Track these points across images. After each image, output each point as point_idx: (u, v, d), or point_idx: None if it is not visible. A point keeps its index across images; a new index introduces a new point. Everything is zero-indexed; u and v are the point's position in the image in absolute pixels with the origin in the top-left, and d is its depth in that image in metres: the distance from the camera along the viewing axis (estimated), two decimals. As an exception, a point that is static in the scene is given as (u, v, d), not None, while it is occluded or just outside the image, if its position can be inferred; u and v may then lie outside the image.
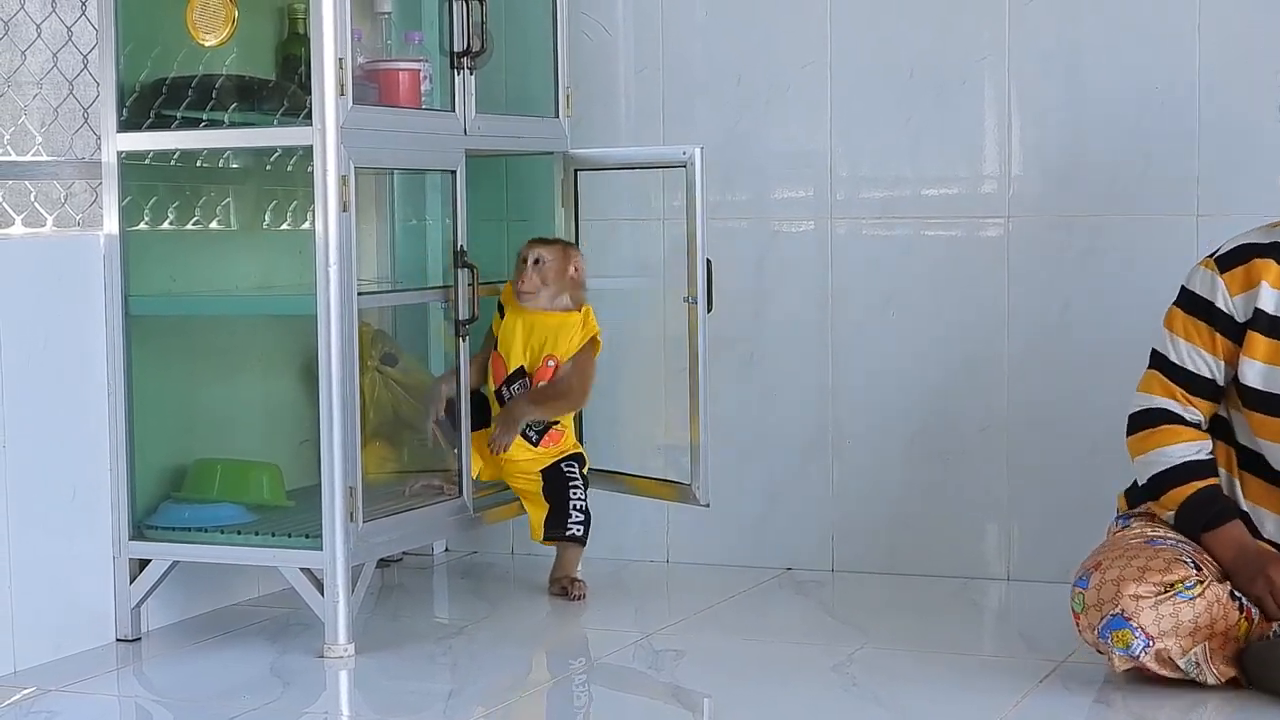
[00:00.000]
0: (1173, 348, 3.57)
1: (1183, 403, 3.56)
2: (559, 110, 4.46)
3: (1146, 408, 3.58)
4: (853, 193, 4.48)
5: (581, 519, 4.24)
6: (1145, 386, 3.61)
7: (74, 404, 3.82)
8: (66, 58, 4.00)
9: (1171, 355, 3.57)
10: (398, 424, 4.36)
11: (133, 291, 3.90)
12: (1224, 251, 3.55)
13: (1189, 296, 3.57)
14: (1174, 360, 3.56)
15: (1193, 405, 3.56)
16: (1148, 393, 3.59)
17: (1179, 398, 3.56)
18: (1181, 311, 3.57)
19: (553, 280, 4.25)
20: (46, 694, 3.54)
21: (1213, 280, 3.53)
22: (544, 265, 4.25)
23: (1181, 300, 3.58)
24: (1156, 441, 3.55)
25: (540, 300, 4.24)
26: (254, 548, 3.85)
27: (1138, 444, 3.58)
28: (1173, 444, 3.53)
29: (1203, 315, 3.54)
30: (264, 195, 4.31)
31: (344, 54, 3.68)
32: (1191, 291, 3.57)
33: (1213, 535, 3.48)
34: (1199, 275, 3.57)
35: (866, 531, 4.50)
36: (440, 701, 3.50)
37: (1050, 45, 4.30)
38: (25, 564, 3.71)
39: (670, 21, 4.61)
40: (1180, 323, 3.57)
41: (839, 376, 4.51)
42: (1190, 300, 3.57)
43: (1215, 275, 3.53)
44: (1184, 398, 3.55)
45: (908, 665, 3.66)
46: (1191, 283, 3.58)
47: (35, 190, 3.98)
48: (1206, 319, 3.54)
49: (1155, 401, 3.57)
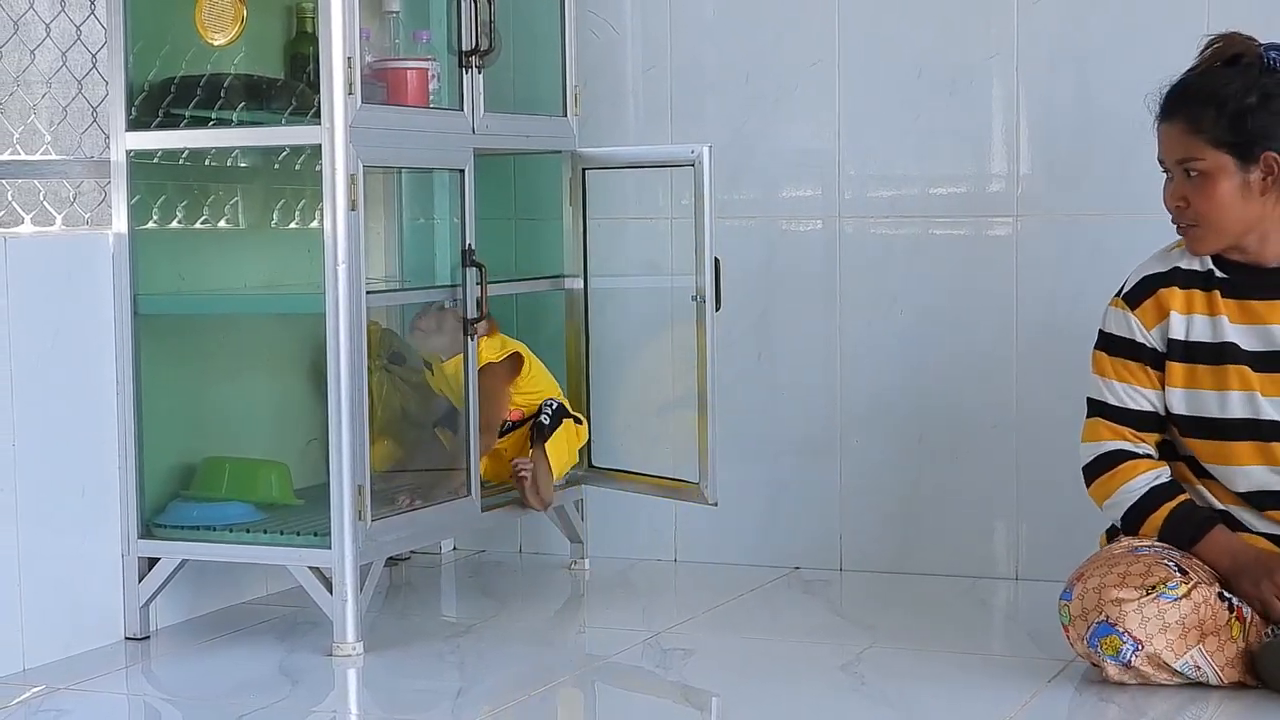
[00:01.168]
0: (1109, 391, 3.58)
1: (1134, 440, 3.57)
2: (567, 109, 4.46)
3: (1099, 454, 3.59)
4: (861, 192, 4.48)
5: (549, 413, 4.28)
6: (1092, 435, 3.61)
7: (83, 403, 3.83)
8: (75, 57, 4.00)
9: (1110, 399, 3.57)
10: (406, 423, 4.35)
11: (141, 290, 3.90)
12: (1129, 288, 3.57)
13: (1109, 339, 3.59)
14: (1114, 403, 3.57)
15: (1143, 441, 3.57)
16: (1095, 440, 3.60)
17: (1129, 437, 3.57)
18: (1106, 355, 3.59)
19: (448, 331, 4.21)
20: (55, 692, 3.54)
21: (1126, 318, 3.55)
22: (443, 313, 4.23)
23: (1103, 344, 3.60)
24: (1119, 480, 3.56)
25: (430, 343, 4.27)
26: (263, 546, 3.86)
27: (1100, 490, 3.59)
28: (1133, 478, 3.55)
29: (1128, 353, 3.56)
30: (272, 194, 4.31)
31: (352, 53, 3.68)
32: (1110, 334, 3.59)
33: (1202, 547, 3.49)
34: (1112, 316, 3.59)
35: (875, 531, 4.50)
36: (448, 700, 3.50)
37: (1058, 44, 4.30)
38: (34, 562, 3.71)
39: (678, 20, 4.61)
40: (1109, 365, 3.58)
41: (847, 375, 4.51)
42: (1111, 342, 3.58)
43: (1127, 313, 3.55)
44: (1134, 435, 3.57)
45: (916, 664, 3.66)
46: (1108, 325, 3.59)
47: (44, 189, 3.99)
48: (1133, 356, 3.55)
49: (1106, 446, 3.58)
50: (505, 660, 3.75)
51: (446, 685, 3.62)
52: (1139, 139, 4.23)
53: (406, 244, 4.70)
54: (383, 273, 4.63)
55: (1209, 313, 3.52)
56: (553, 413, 4.28)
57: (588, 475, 4.53)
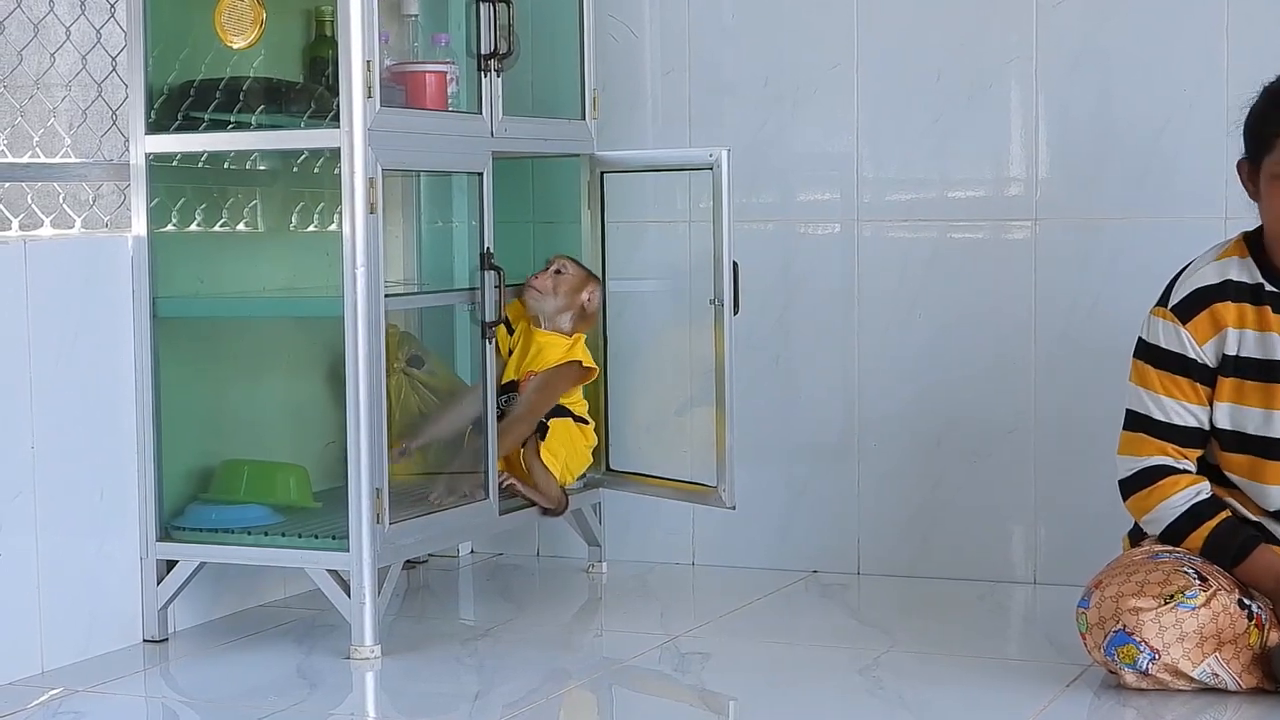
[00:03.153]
0: (1156, 407, 3.50)
1: (1177, 456, 3.51)
2: (585, 112, 4.46)
3: (1140, 469, 3.53)
4: (879, 195, 4.48)
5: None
6: (1133, 449, 3.54)
7: (102, 405, 3.84)
8: (95, 60, 4.01)
9: (1157, 414, 3.50)
10: (424, 426, 4.35)
11: (160, 293, 3.91)
12: (1180, 300, 3.49)
13: (1156, 352, 3.50)
14: (1160, 419, 3.50)
15: (1186, 457, 3.52)
16: (1136, 454, 3.53)
17: (1172, 453, 3.51)
18: (1153, 368, 3.50)
19: (563, 295, 4.27)
20: (74, 694, 3.55)
21: (1177, 332, 3.48)
22: (562, 277, 4.27)
23: (1148, 356, 3.52)
24: (1159, 497, 3.50)
25: (544, 306, 4.27)
26: (281, 549, 3.86)
27: (1138, 505, 3.54)
28: (1173, 494, 3.49)
29: (1177, 368, 3.48)
30: (291, 197, 4.31)
31: (371, 56, 3.69)
32: (1158, 347, 3.50)
33: (1244, 568, 3.45)
34: (1162, 328, 3.50)
35: (892, 534, 4.50)
36: (466, 703, 3.50)
37: (1078, 47, 4.30)
38: (53, 564, 3.72)
39: (697, 23, 4.61)
40: (1156, 380, 3.50)
41: (865, 379, 4.50)
42: (1158, 355, 3.50)
43: (1177, 326, 3.47)
44: (1177, 452, 3.51)
45: (934, 669, 3.66)
46: (1155, 337, 3.51)
47: (64, 192, 3.99)
48: (1182, 371, 3.48)
49: (1147, 461, 3.51)
50: (523, 663, 3.76)
51: (464, 688, 3.62)
52: (1158, 143, 4.23)
53: (425, 247, 4.70)
54: (401, 276, 4.63)
55: (1260, 328, 3.45)
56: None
57: (605, 478, 4.53)
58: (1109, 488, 4.17)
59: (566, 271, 4.30)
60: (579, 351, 4.31)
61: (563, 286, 4.29)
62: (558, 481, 4.27)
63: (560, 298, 4.29)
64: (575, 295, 4.30)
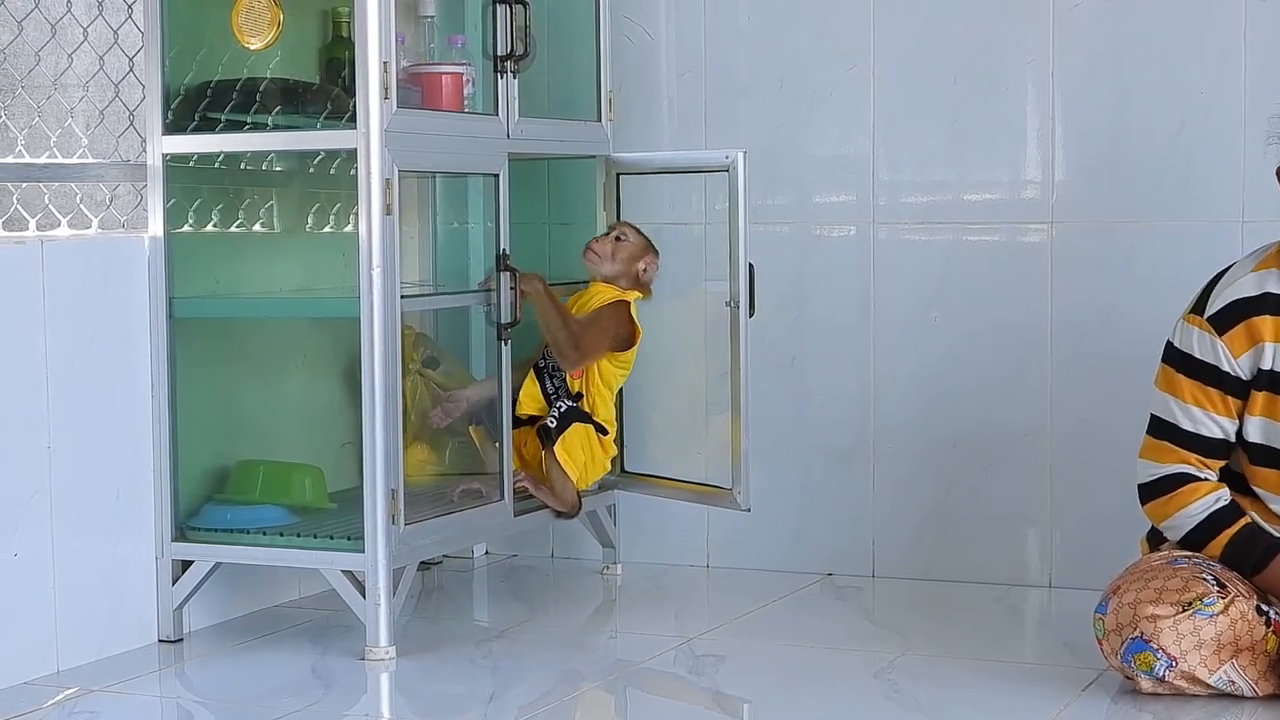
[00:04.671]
0: (1184, 415, 3.47)
1: (1199, 466, 3.49)
2: (601, 114, 4.46)
3: (1160, 475, 3.51)
4: (895, 197, 4.48)
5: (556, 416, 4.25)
6: (1155, 455, 3.52)
7: (118, 406, 3.84)
8: (112, 60, 4.01)
9: (1185, 424, 3.47)
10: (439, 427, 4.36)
11: (177, 294, 3.91)
12: (1217, 311, 3.44)
13: (1188, 361, 3.46)
14: (1187, 429, 3.47)
15: (1208, 466, 3.50)
16: (1157, 461, 3.51)
17: (1194, 462, 3.49)
18: (1184, 377, 3.46)
19: (620, 261, 4.32)
20: (89, 694, 3.56)
21: (1212, 343, 3.43)
22: (622, 243, 4.32)
23: (1179, 364, 3.48)
24: (1177, 504, 3.49)
25: (602, 269, 4.33)
26: (296, 549, 3.86)
27: (1157, 511, 3.53)
28: (1192, 502, 3.48)
29: (1209, 379, 3.44)
30: (307, 198, 4.32)
31: (388, 57, 3.69)
32: (1190, 356, 3.46)
33: (1264, 576, 3.44)
34: (1196, 338, 3.45)
35: (907, 537, 4.49)
36: (480, 704, 3.50)
37: (1094, 50, 4.29)
38: (69, 565, 3.72)
39: (713, 25, 4.60)
40: (1188, 389, 3.46)
41: (880, 381, 4.50)
42: (1190, 364, 3.46)
43: (1213, 337, 3.43)
44: (1200, 462, 3.49)
45: (949, 672, 3.66)
46: (1187, 345, 3.46)
47: (81, 192, 4.00)
48: (1214, 383, 3.44)
49: (1168, 469, 3.49)
50: (537, 665, 3.76)
51: (478, 689, 3.62)
52: (1174, 146, 4.22)
53: (440, 248, 4.70)
54: (417, 277, 4.63)
55: None
56: (560, 415, 4.26)
57: (620, 480, 4.53)
58: (1124, 491, 4.17)
59: (626, 239, 4.33)
60: (629, 297, 4.32)
61: (621, 253, 4.32)
62: (575, 485, 4.26)
63: (618, 264, 4.32)
64: (633, 263, 4.32)
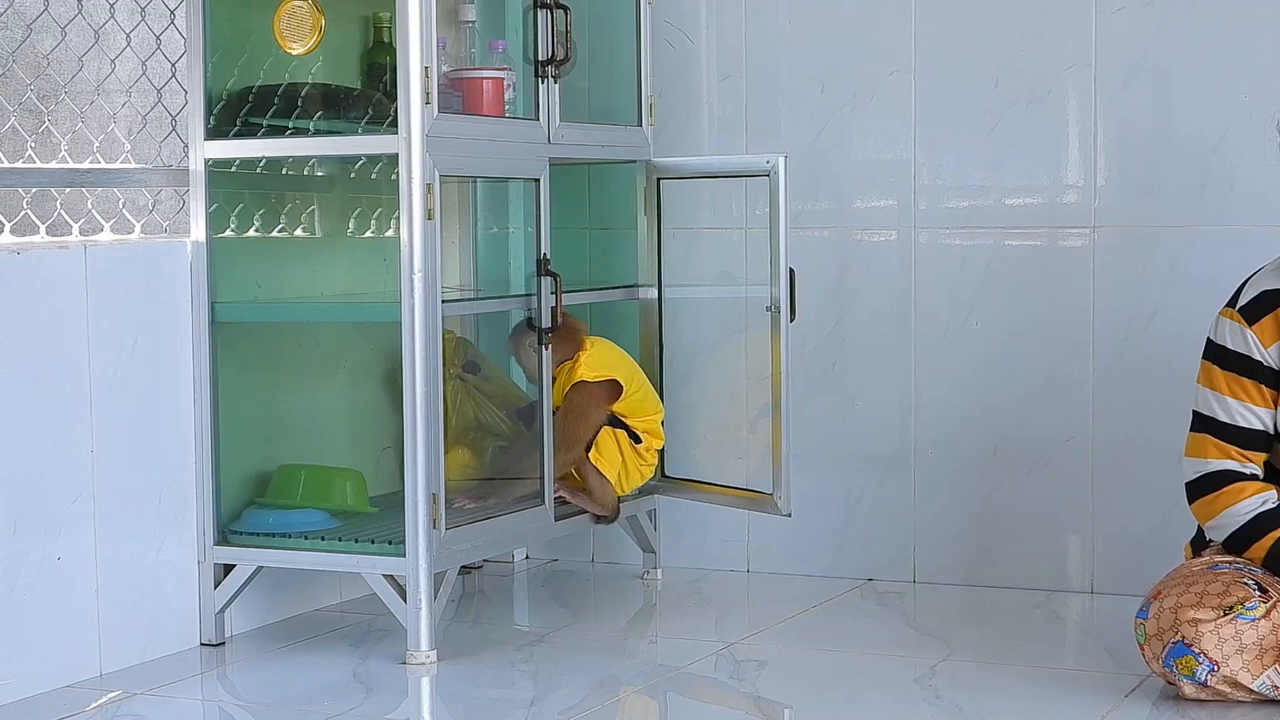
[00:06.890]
0: (1220, 408, 3.50)
1: (1241, 460, 3.50)
2: (642, 119, 4.46)
3: (1206, 472, 3.52)
4: (935, 202, 4.47)
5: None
6: (1198, 451, 3.53)
7: (160, 410, 3.85)
8: (155, 66, 4.02)
9: (1221, 416, 3.50)
10: (480, 431, 4.37)
11: (219, 298, 3.93)
12: (1246, 302, 3.49)
13: (1222, 352, 3.50)
14: (1225, 420, 3.49)
15: (1250, 460, 3.50)
16: (1201, 457, 3.52)
17: (1236, 456, 3.50)
18: (1219, 368, 3.50)
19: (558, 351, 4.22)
20: (132, 697, 3.57)
21: (1242, 333, 3.47)
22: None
23: (1215, 357, 3.51)
24: (1224, 503, 3.49)
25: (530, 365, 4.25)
26: (337, 554, 3.87)
27: (1204, 509, 3.53)
28: (1239, 501, 3.48)
29: (1243, 370, 3.47)
30: (349, 203, 4.33)
31: (429, 62, 3.69)
32: (1224, 346, 3.50)
33: None
34: (1228, 329, 3.49)
35: (948, 543, 4.48)
36: (521, 709, 3.50)
37: (1136, 54, 4.28)
38: (111, 568, 3.74)
39: (753, 30, 4.60)
40: (1223, 381, 3.49)
41: (921, 386, 4.49)
42: (1224, 356, 3.49)
43: (1243, 327, 3.47)
44: (1240, 455, 3.50)
45: (991, 678, 3.65)
46: (1221, 337, 3.50)
47: (123, 197, 4.01)
48: (1247, 373, 3.47)
49: (1213, 465, 3.51)
50: (577, 669, 3.76)
51: (519, 694, 3.62)
52: (1217, 151, 4.21)
53: (481, 253, 4.71)
54: (458, 282, 4.64)
55: None
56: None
57: (661, 485, 4.53)
58: (1166, 497, 4.17)
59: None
60: (579, 372, 4.26)
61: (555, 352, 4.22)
62: (614, 488, 4.26)
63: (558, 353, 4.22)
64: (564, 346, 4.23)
